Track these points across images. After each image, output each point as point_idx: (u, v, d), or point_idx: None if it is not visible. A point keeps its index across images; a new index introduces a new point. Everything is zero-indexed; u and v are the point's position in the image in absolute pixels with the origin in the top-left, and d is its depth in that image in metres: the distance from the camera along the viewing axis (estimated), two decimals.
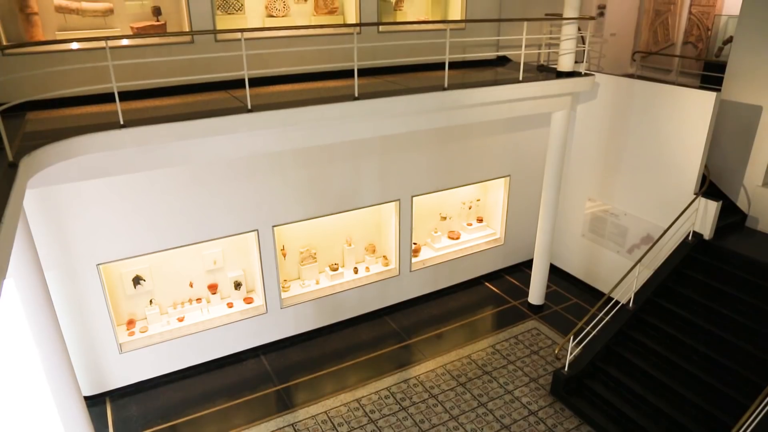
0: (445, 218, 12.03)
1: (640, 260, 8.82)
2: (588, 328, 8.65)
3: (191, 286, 9.55)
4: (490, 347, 9.95)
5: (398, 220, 10.48)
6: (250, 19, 9.14)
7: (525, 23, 8.74)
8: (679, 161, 9.34)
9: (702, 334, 8.33)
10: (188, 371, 9.27)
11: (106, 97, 6.93)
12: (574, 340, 8.46)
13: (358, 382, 9.10)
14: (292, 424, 8.21)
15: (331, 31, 9.01)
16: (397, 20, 10.38)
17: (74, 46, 7.38)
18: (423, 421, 8.27)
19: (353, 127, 7.79)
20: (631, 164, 10.20)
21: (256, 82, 7.98)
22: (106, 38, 5.99)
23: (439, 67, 9.15)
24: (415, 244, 11.22)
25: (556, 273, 12.12)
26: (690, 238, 9.25)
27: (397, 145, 9.89)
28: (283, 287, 10.08)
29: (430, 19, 10.70)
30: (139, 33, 8.05)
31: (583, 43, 9.86)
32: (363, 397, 8.76)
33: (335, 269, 10.60)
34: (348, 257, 10.84)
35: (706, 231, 9.13)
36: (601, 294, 10.47)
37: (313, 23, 9.51)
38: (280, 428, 8.14)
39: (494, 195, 12.21)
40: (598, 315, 8.52)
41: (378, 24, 9.29)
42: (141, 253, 8.33)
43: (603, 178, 10.85)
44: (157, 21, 8.20)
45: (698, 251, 9.14)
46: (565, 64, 9.38)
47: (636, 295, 8.98)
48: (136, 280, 8.96)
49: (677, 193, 9.44)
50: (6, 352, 7.45)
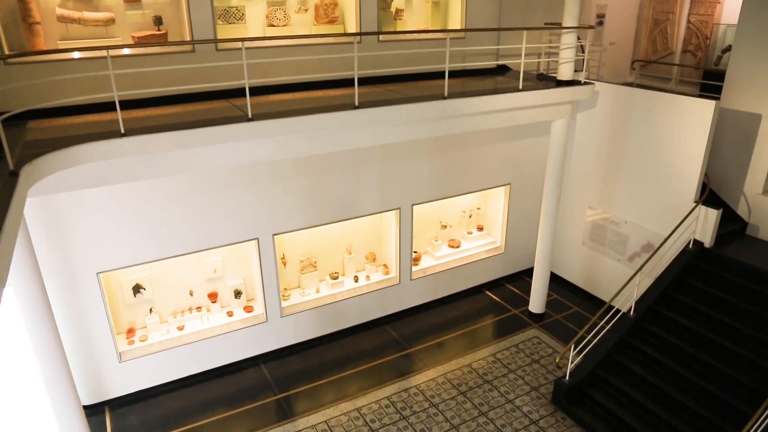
0: (445, 227, 12.03)
1: (640, 268, 8.81)
2: (589, 337, 8.62)
3: (191, 294, 9.53)
4: (490, 356, 9.92)
5: (398, 228, 10.49)
6: (251, 29, 9.18)
7: (524, 32, 8.80)
8: (679, 169, 9.35)
9: (703, 343, 8.31)
10: (188, 380, 9.24)
11: (108, 106, 6.95)
12: (574, 349, 8.44)
13: (359, 391, 9.06)
14: None
15: (332, 41, 9.05)
16: (398, 29, 10.43)
17: (76, 55, 7.42)
18: (424, 431, 8.23)
19: (353, 136, 7.81)
20: (631, 172, 10.21)
21: (256, 91, 8.01)
22: (108, 47, 6.01)
23: (439, 76, 9.18)
24: (415, 252, 11.22)
25: (556, 281, 12.10)
26: (690, 246, 9.25)
27: (398, 154, 9.91)
28: (284, 296, 10.07)
29: (430, 29, 10.75)
30: (140, 42, 8.09)
31: (583, 52, 9.90)
32: (363, 406, 8.73)
33: (335, 278, 10.59)
34: (348, 266, 10.83)
35: (707, 239, 9.13)
36: (602, 302, 10.45)
37: (314, 32, 9.56)
38: None
39: (494, 203, 12.22)
40: (598, 323, 8.51)
41: (378, 33, 9.34)
42: (141, 262, 8.33)
43: (603, 187, 10.86)
44: (159, 30, 8.25)
45: (699, 259, 9.13)
46: (565, 72, 9.42)
47: (637, 303, 8.96)
48: (136, 289, 8.95)
49: (677, 201, 9.44)
50: (5, 361, 7.43)
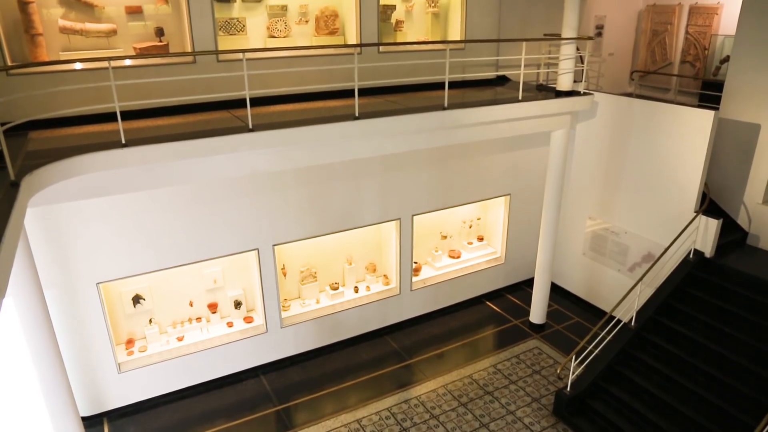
0: (445, 237, 12.03)
1: (641, 279, 8.79)
2: (590, 348, 8.59)
3: (191, 305, 9.51)
4: (491, 367, 9.87)
5: (399, 239, 10.48)
6: (252, 40, 9.24)
7: (524, 43, 8.84)
8: (679, 179, 9.37)
9: (704, 353, 8.28)
10: (187, 391, 9.19)
11: (109, 117, 6.98)
12: (576, 360, 8.40)
13: (359, 402, 9.01)
14: None
15: (332, 52, 9.10)
16: (398, 41, 10.49)
17: (78, 66, 7.45)
18: None
19: (354, 147, 7.82)
20: (631, 183, 10.22)
21: (257, 102, 8.04)
22: (109, 59, 6.05)
23: (439, 86, 9.22)
24: (415, 263, 11.21)
25: (557, 292, 12.07)
26: (691, 256, 9.23)
27: (398, 165, 9.93)
28: (284, 306, 10.04)
29: (430, 40, 10.81)
30: (142, 53, 8.13)
31: (582, 63, 9.95)
32: (363, 417, 8.67)
33: (336, 288, 10.57)
34: (348, 276, 10.81)
35: (707, 249, 9.12)
36: (603, 313, 10.42)
37: (315, 44, 9.62)
38: None
39: (495, 214, 12.22)
40: (599, 334, 8.47)
41: (378, 44, 9.39)
42: (141, 272, 8.32)
43: (603, 197, 10.87)
44: (160, 41, 8.30)
45: (700, 269, 9.12)
46: (564, 83, 9.46)
47: (637, 313, 8.94)
48: (136, 299, 8.93)
49: (678, 211, 9.45)
50: (4, 371, 7.40)
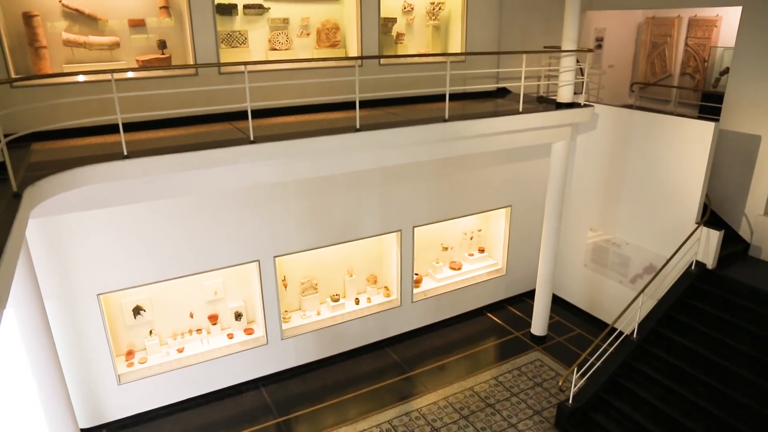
0: (446, 249, 12.02)
1: (643, 290, 8.76)
2: (592, 360, 8.54)
3: (191, 316, 9.49)
4: (492, 379, 9.82)
5: (400, 250, 10.48)
6: (254, 53, 9.31)
7: (524, 56, 8.90)
8: (680, 191, 9.37)
9: (706, 364, 8.23)
10: (187, 403, 9.15)
11: (111, 128, 7.00)
12: (577, 372, 8.36)
13: (359, 414, 8.96)
14: None
15: (333, 64, 9.16)
16: (398, 53, 10.56)
17: (81, 78, 7.52)
18: None
19: (355, 159, 7.85)
20: (632, 194, 10.23)
21: (258, 114, 8.10)
22: (112, 71, 6.10)
23: (440, 99, 9.27)
24: (416, 274, 11.19)
25: (558, 303, 12.03)
26: (693, 267, 9.21)
27: (399, 176, 9.95)
28: (284, 318, 10.02)
29: (431, 53, 10.88)
30: (144, 66, 8.20)
31: (582, 75, 10.00)
32: (364, 430, 8.62)
33: (336, 300, 10.55)
34: (349, 288, 10.79)
35: (709, 260, 9.10)
36: (605, 324, 10.38)
37: (316, 56, 9.68)
38: None
39: (495, 225, 12.21)
40: (601, 346, 8.44)
41: (379, 57, 9.45)
42: (142, 284, 8.31)
43: (604, 208, 10.87)
44: (162, 54, 8.37)
45: (701, 281, 9.09)
46: (565, 95, 9.51)
47: (639, 325, 8.89)
48: (137, 311, 8.92)
49: (679, 223, 9.44)
50: (3, 382, 7.38)
